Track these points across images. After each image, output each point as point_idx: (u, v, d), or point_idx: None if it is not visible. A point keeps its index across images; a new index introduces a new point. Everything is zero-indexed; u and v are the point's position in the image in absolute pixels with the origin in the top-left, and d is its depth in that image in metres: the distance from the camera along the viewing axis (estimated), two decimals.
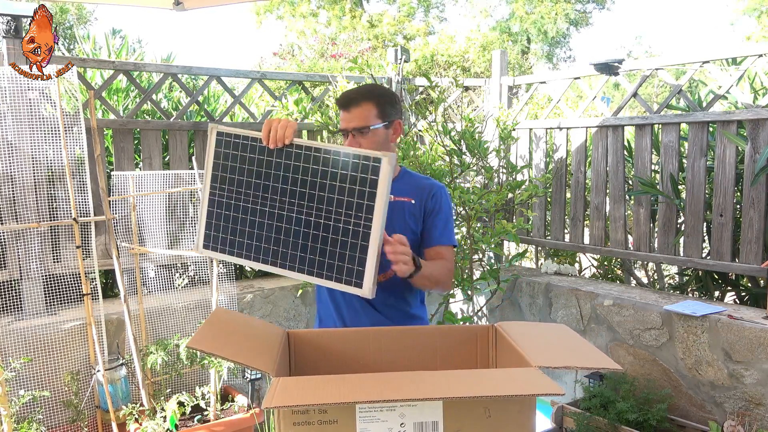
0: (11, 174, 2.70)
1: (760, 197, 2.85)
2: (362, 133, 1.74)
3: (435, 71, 5.86)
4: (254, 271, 4.04)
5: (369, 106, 1.75)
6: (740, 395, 2.62)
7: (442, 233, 1.81)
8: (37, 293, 2.85)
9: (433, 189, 1.82)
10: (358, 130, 1.74)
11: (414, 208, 1.80)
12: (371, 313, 1.81)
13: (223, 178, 1.59)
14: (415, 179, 1.87)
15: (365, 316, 1.81)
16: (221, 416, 2.75)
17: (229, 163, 1.58)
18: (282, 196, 1.54)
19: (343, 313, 1.83)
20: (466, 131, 3.43)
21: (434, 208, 1.81)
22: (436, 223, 1.81)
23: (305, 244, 1.55)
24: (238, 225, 1.59)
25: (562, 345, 1.31)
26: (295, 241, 1.55)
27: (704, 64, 3.11)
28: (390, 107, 1.78)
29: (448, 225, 1.83)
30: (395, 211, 1.79)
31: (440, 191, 1.83)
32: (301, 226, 1.53)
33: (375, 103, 1.75)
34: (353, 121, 1.75)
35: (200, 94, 3.56)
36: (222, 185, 1.60)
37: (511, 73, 7.57)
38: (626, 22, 48.93)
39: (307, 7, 15.47)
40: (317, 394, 0.99)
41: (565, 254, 4.04)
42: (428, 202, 1.81)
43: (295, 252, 1.56)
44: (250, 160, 1.55)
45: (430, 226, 1.81)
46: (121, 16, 37.30)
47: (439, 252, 1.81)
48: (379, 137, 1.76)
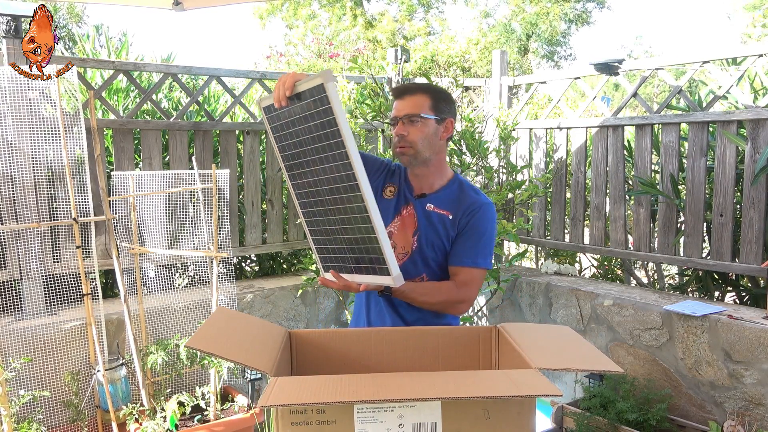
0: (11, 174, 2.70)
1: (760, 197, 2.85)
2: (412, 121, 1.71)
3: (435, 71, 5.86)
4: (254, 270, 4.04)
5: (423, 97, 1.73)
6: (740, 395, 2.62)
7: (464, 253, 1.73)
8: (37, 293, 2.85)
9: (472, 206, 1.74)
10: (409, 117, 1.71)
11: (450, 222, 1.75)
12: (393, 315, 1.79)
13: (286, 157, 1.60)
14: (461, 192, 1.78)
15: (388, 317, 1.80)
16: (221, 416, 2.75)
17: (285, 139, 1.58)
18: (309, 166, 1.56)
19: (371, 314, 1.83)
20: (466, 131, 3.43)
21: (465, 226, 1.73)
22: (462, 241, 1.74)
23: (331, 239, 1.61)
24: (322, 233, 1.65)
25: (563, 347, 1.31)
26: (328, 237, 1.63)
27: (704, 64, 3.11)
28: (444, 104, 1.75)
29: (477, 245, 1.73)
30: (435, 223, 1.75)
31: (479, 209, 1.74)
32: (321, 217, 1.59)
33: (430, 96, 1.73)
34: (405, 109, 1.72)
35: (200, 94, 3.56)
36: (290, 167, 1.61)
37: (512, 73, 7.58)
38: (626, 21, 48.88)
39: (308, 9, 15.48)
40: (314, 394, 0.99)
41: (565, 254, 4.04)
42: (462, 218, 1.74)
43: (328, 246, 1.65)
44: (286, 126, 1.55)
45: (457, 243, 1.74)
46: (114, 14, 37.24)
47: (455, 272, 1.75)
48: (428, 128, 1.72)
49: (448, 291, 1.72)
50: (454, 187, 1.79)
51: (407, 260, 1.76)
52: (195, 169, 2.90)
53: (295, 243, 3.81)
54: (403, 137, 1.72)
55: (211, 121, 3.48)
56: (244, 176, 3.59)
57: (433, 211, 1.75)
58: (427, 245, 1.74)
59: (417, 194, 1.80)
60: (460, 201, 1.75)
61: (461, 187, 1.79)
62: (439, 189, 1.79)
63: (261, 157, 3.76)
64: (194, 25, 74.57)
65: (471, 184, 1.83)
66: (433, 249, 1.74)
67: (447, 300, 1.72)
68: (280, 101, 1.47)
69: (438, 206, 1.76)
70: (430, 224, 1.75)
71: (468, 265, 1.73)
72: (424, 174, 1.79)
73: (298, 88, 1.43)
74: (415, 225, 1.76)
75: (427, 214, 1.76)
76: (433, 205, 1.76)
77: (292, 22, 15.68)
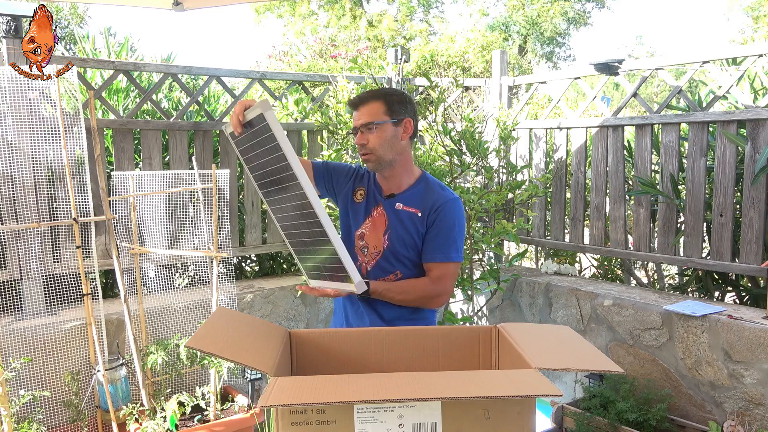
0: (11, 174, 2.70)
1: (760, 197, 2.85)
2: (368, 128, 1.76)
3: (435, 71, 5.86)
4: (254, 270, 4.04)
5: (377, 104, 1.78)
6: (740, 395, 2.62)
7: (435, 249, 1.79)
8: (37, 293, 2.85)
9: (438, 202, 1.79)
10: (365, 125, 1.76)
11: (419, 220, 1.80)
12: (372, 314, 1.83)
13: (256, 177, 1.69)
14: (428, 189, 1.84)
15: (367, 317, 1.84)
16: (221, 416, 2.75)
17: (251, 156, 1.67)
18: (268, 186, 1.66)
19: (349, 315, 1.89)
20: (466, 131, 3.43)
21: (434, 222, 1.79)
22: (432, 237, 1.79)
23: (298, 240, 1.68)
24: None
25: (563, 347, 1.31)
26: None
27: (704, 64, 3.11)
28: (399, 105, 1.79)
29: (448, 240, 1.79)
30: (404, 221, 1.80)
31: (446, 205, 1.79)
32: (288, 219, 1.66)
33: (383, 101, 1.78)
34: (361, 118, 1.78)
35: (200, 94, 3.56)
36: (261, 185, 1.70)
37: (511, 73, 7.58)
38: (626, 22, 48.88)
39: (306, 7, 15.47)
40: (314, 394, 0.99)
41: (565, 254, 4.04)
42: (430, 215, 1.79)
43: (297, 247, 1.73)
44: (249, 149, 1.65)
45: (427, 240, 1.80)
46: (116, 15, 37.29)
47: (429, 268, 1.81)
48: (386, 133, 1.77)
49: (423, 287, 1.79)
50: (422, 185, 1.85)
51: (380, 258, 1.82)
52: (195, 169, 2.90)
53: None
54: (363, 146, 1.79)
55: (211, 121, 3.48)
56: (244, 176, 3.59)
57: (402, 210, 1.81)
58: (398, 242, 1.79)
59: (386, 194, 1.86)
60: (426, 198, 1.81)
61: (427, 185, 1.85)
62: (407, 188, 1.85)
63: None
64: (194, 26, 74.56)
65: (437, 181, 1.88)
66: (404, 246, 1.80)
67: (423, 296, 1.79)
68: (235, 129, 1.55)
69: (407, 204, 1.81)
70: (400, 222, 1.80)
71: (440, 261, 1.79)
72: (391, 175, 1.85)
73: (247, 117, 1.51)
74: (386, 224, 1.82)
75: (397, 212, 1.82)
76: (402, 204, 1.82)
77: (288, 19, 15.67)
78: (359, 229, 1.87)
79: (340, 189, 1.95)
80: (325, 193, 1.98)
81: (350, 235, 1.89)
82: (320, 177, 1.95)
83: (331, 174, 1.95)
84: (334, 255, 1.53)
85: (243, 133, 1.55)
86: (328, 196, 1.99)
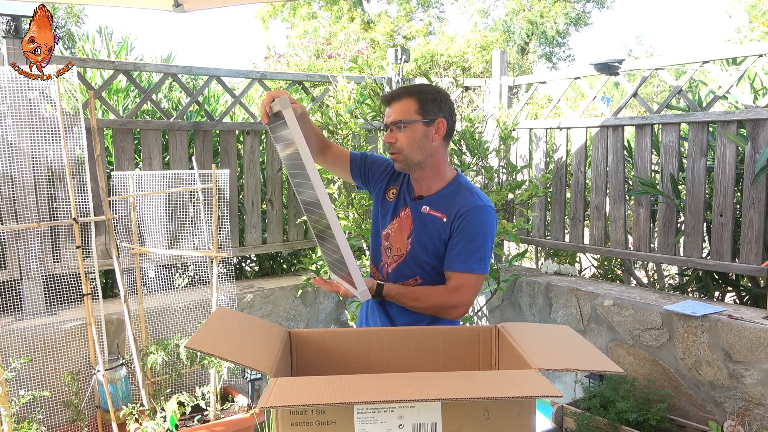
0: (11, 174, 2.70)
1: (760, 197, 2.85)
2: (398, 127, 1.69)
3: (435, 71, 5.86)
4: (254, 270, 4.04)
5: (409, 101, 1.70)
6: (740, 395, 2.62)
7: (455, 257, 1.69)
8: (37, 293, 2.85)
9: (464, 208, 1.68)
10: (395, 123, 1.70)
11: (444, 225, 1.71)
12: (384, 318, 1.81)
13: (286, 165, 1.73)
14: (458, 194, 1.74)
15: (380, 320, 1.82)
16: (221, 416, 2.75)
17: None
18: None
19: (368, 315, 1.87)
20: (466, 131, 3.42)
21: (458, 229, 1.68)
22: (454, 244, 1.69)
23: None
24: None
25: (563, 347, 1.30)
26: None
27: (704, 64, 3.11)
28: (432, 104, 1.70)
29: (467, 249, 1.67)
30: (428, 225, 1.73)
31: (473, 211, 1.68)
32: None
33: (416, 98, 1.69)
34: (391, 115, 1.71)
35: (200, 94, 3.56)
36: (290, 174, 1.74)
37: (511, 73, 7.58)
38: (626, 21, 48.90)
39: (306, 9, 15.48)
40: (314, 395, 0.99)
41: (565, 254, 4.04)
42: (455, 221, 1.69)
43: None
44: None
45: (449, 247, 1.70)
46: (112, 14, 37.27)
47: (448, 276, 1.72)
48: (416, 133, 1.69)
49: (438, 296, 1.69)
50: (452, 188, 1.75)
51: (401, 262, 1.76)
52: (195, 169, 2.90)
53: (295, 243, 3.81)
54: (392, 144, 1.71)
55: (211, 121, 3.48)
56: (244, 176, 3.59)
57: (427, 214, 1.73)
58: (419, 248, 1.72)
59: (415, 196, 1.79)
60: (454, 203, 1.71)
61: (459, 188, 1.75)
62: (437, 191, 1.76)
63: (261, 157, 3.75)
64: (194, 26, 74.61)
65: (470, 185, 1.77)
66: (426, 251, 1.72)
67: (436, 305, 1.69)
68: (263, 119, 1.57)
69: (433, 208, 1.73)
70: (423, 227, 1.73)
71: (458, 270, 1.68)
72: (421, 177, 1.77)
73: (273, 108, 1.53)
74: (410, 227, 1.75)
75: (422, 216, 1.74)
76: (429, 207, 1.74)
77: (293, 22, 15.69)
78: (386, 228, 1.81)
79: (375, 184, 1.87)
80: (361, 185, 1.92)
81: (378, 233, 1.83)
82: (356, 169, 1.89)
83: (367, 168, 1.88)
84: (343, 259, 1.51)
85: (270, 123, 1.59)
86: (365, 188, 1.93)
